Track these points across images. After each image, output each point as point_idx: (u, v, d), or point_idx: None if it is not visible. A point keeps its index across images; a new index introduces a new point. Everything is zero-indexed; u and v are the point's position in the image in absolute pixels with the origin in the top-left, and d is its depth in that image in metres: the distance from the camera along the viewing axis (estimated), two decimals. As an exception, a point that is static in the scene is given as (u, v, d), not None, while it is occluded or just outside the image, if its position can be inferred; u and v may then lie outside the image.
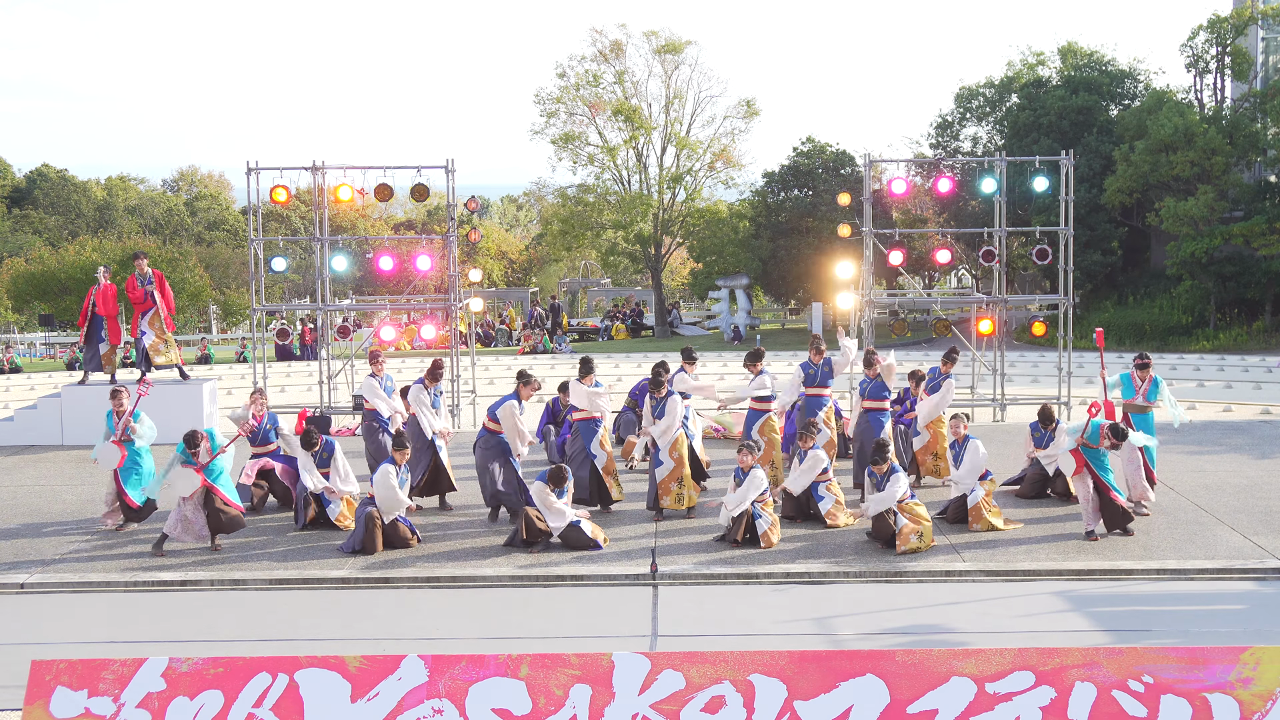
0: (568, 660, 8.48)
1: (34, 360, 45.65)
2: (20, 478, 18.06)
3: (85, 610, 12.29)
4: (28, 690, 8.44)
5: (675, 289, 62.14)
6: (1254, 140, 39.23)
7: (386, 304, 24.96)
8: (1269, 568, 12.97)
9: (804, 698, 8.33)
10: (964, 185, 33.45)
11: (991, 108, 45.63)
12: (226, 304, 51.04)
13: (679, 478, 15.03)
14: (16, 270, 48.68)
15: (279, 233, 57.52)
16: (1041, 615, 11.77)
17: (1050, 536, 14.08)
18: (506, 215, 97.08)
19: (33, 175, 76.66)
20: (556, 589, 12.74)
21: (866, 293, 22.14)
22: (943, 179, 22.80)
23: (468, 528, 14.80)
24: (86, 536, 14.62)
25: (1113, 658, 8.46)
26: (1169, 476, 16.75)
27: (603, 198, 49.41)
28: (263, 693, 8.39)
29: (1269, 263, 37.37)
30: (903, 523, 13.54)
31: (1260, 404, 23.68)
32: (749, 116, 49.73)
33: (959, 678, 8.37)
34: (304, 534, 14.56)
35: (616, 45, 49.36)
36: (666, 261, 52.84)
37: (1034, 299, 27.44)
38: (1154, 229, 40.88)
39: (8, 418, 21.72)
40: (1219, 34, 41.74)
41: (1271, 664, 8.36)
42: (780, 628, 11.44)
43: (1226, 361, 32.30)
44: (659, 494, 15.04)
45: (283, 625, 11.74)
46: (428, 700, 8.36)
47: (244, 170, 21.41)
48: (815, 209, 45.58)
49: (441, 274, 23.30)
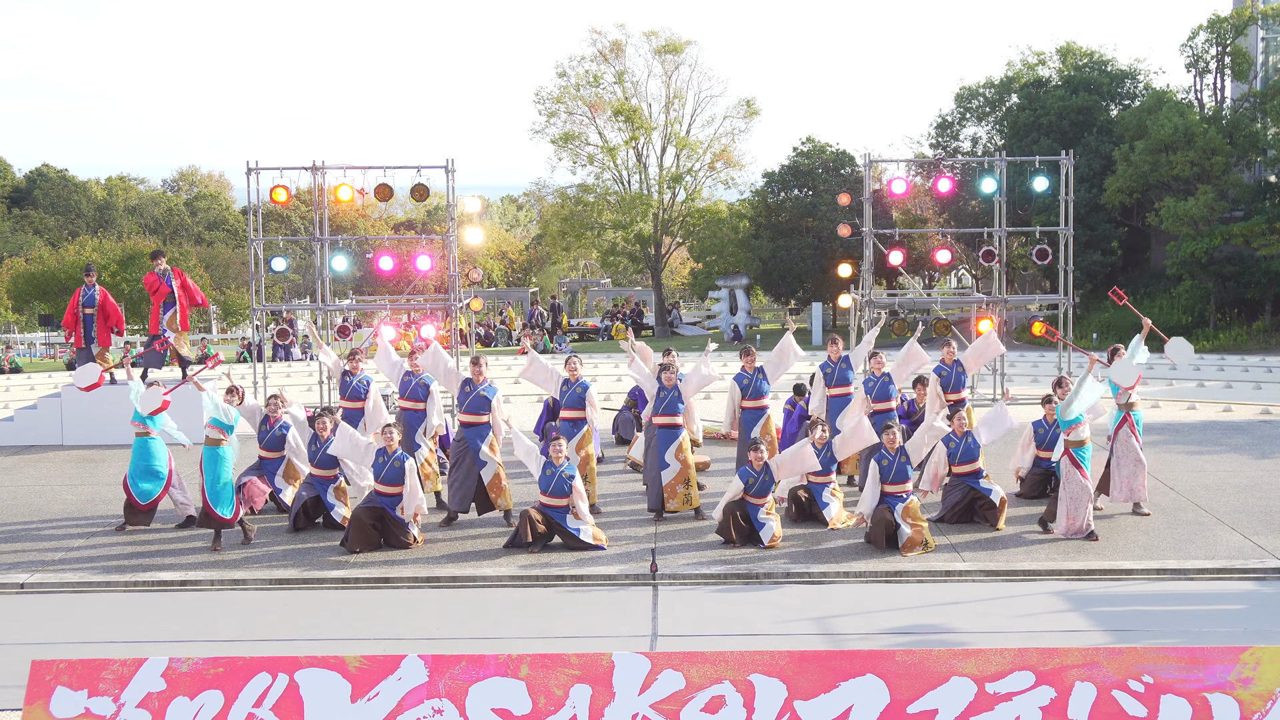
0: (568, 660, 8.48)
1: (34, 360, 45.63)
2: (20, 478, 18.06)
3: (85, 610, 12.29)
4: (28, 690, 8.44)
5: (675, 289, 62.14)
6: (1254, 140, 39.23)
7: (386, 304, 24.96)
8: (1269, 568, 12.97)
9: (804, 698, 8.34)
10: (964, 185, 33.45)
11: (991, 108, 45.63)
12: (226, 304, 51.03)
13: (685, 479, 14.99)
14: (16, 270, 48.68)
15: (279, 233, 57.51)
16: (1041, 615, 11.77)
17: (1050, 536, 14.07)
18: (506, 215, 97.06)
19: (33, 175, 76.63)
20: (556, 589, 12.74)
21: (866, 293, 22.15)
22: (943, 179, 22.82)
23: (468, 528, 14.79)
24: (86, 536, 14.61)
25: (1113, 658, 8.46)
26: (1169, 476, 16.74)
27: (603, 198, 49.41)
28: (263, 693, 8.39)
29: (1269, 263, 37.36)
30: (906, 533, 13.52)
31: (1260, 404, 23.67)
32: (749, 116, 49.76)
33: (959, 678, 8.37)
34: (304, 534, 14.56)
35: (616, 45, 49.38)
36: (666, 261, 52.85)
37: (1034, 299, 27.45)
38: (1154, 229, 40.88)
39: (8, 418, 21.72)
40: (1219, 34, 41.74)
41: (1271, 664, 8.36)
42: (780, 628, 11.44)
43: (1226, 361, 32.29)
44: (664, 496, 14.97)
45: (283, 625, 11.74)
46: (428, 700, 8.36)
47: (244, 170, 21.40)
48: (815, 209, 45.59)
49: (441, 274, 23.29)
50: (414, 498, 13.80)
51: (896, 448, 13.86)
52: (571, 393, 15.66)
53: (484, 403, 14.88)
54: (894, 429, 13.99)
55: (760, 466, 13.87)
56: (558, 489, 13.74)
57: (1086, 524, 13.85)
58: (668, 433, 15.07)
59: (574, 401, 15.60)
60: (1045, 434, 15.69)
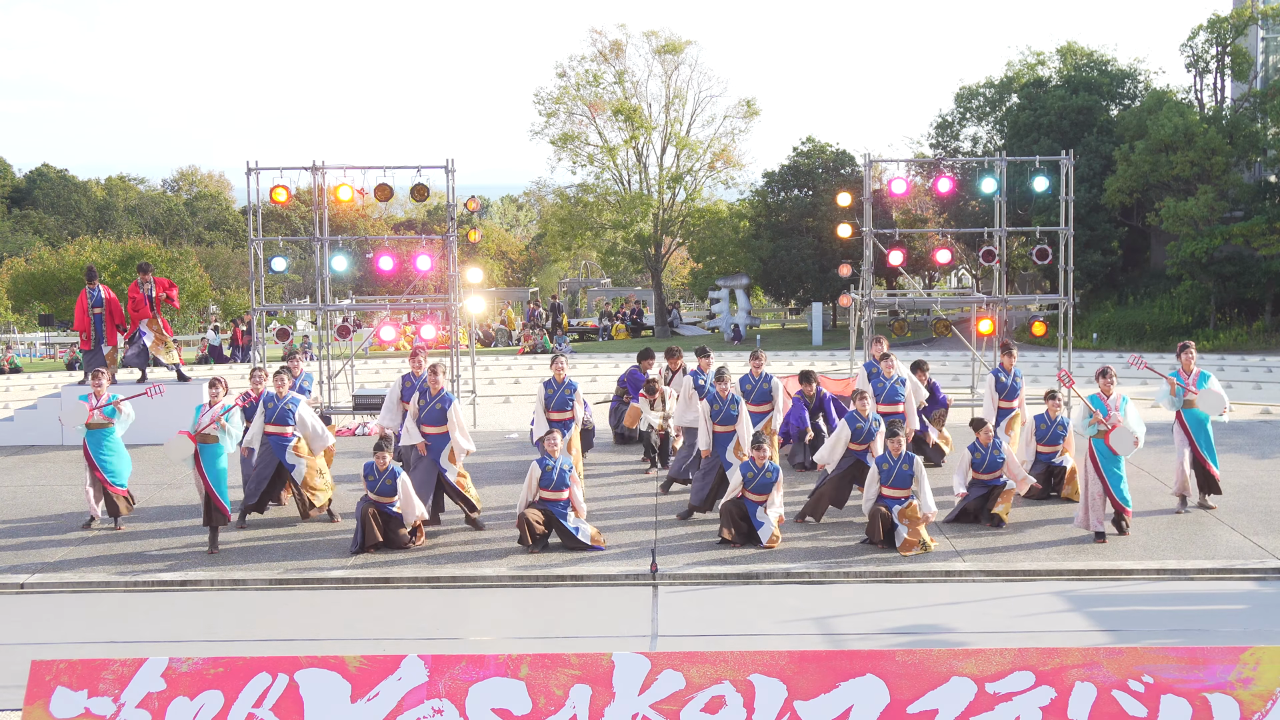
0: (568, 660, 8.48)
1: (34, 360, 45.62)
2: (20, 478, 18.06)
3: (85, 610, 12.29)
4: (28, 690, 8.44)
5: (675, 289, 62.13)
6: (1254, 140, 39.22)
7: (386, 304, 24.96)
8: (1269, 568, 12.97)
9: (804, 698, 8.34)
10: (964, 185, 33.44)
11: (991, 108, 45.61)
12: (226, 304, 51.03)
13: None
14: (16, 270, 48.68)
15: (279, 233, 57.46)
16: (1041, 615, 11.77)
17: (1050, 537, 14.08)
18: (506, 215, 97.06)
19: (33, 175, 76.63)
20: (556, 589, 12.74)
21: (866, 293, 22.14)
22: (943, 179, 22.79)
23: (467, 528, 14.78)
24: (86, 536, 14.61)
25: (1113, 658, 8.46)
26: (1169, 476, 16.73)
27: (603, 198, 49.38)
28: (263, 693, 8.39)
29: (1269, 263, 37.35)
30: (903, 535, 13.53)
31: (1260, 404, 23.67)
32: (749, 116, 49.72)
33: (959, 678, 8.37)
34: (303, 534, 14.56)
35: (616, 45, 49.35)
36: (666, 261, 52.83)
37: (1034, 299, 27.44)
38: (1154, 229, 40.87)
39: (8, 418, 21.72)
40: (1219, 34, 41.73)
41: (1271, 664, 8.36)
42: (780, 628, 11.44)
43: (1226, 361, 32.27)
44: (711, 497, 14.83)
45: (283, 625, 11.74)
46: (428, 700, 8.36)
47: (244, 170, 21.39)
48: (815, 209, 45.56)
49: (441, 274, 23.28)
50: (410, 508, 13.86)
51: (900, 454, 13.85)
52: (560, 394, 15.71)
53: (440, 414, 14.84)
54: (900, 435, 13.98)
55: (763, 464, 13.88)
56: (557, 483, 13.76)
57: (1099, 522, 13.87)
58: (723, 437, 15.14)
59: (562, 404, 15.67)
60: (1047, 430, 15.73)
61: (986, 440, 14.67)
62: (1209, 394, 15.03)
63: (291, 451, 14.96)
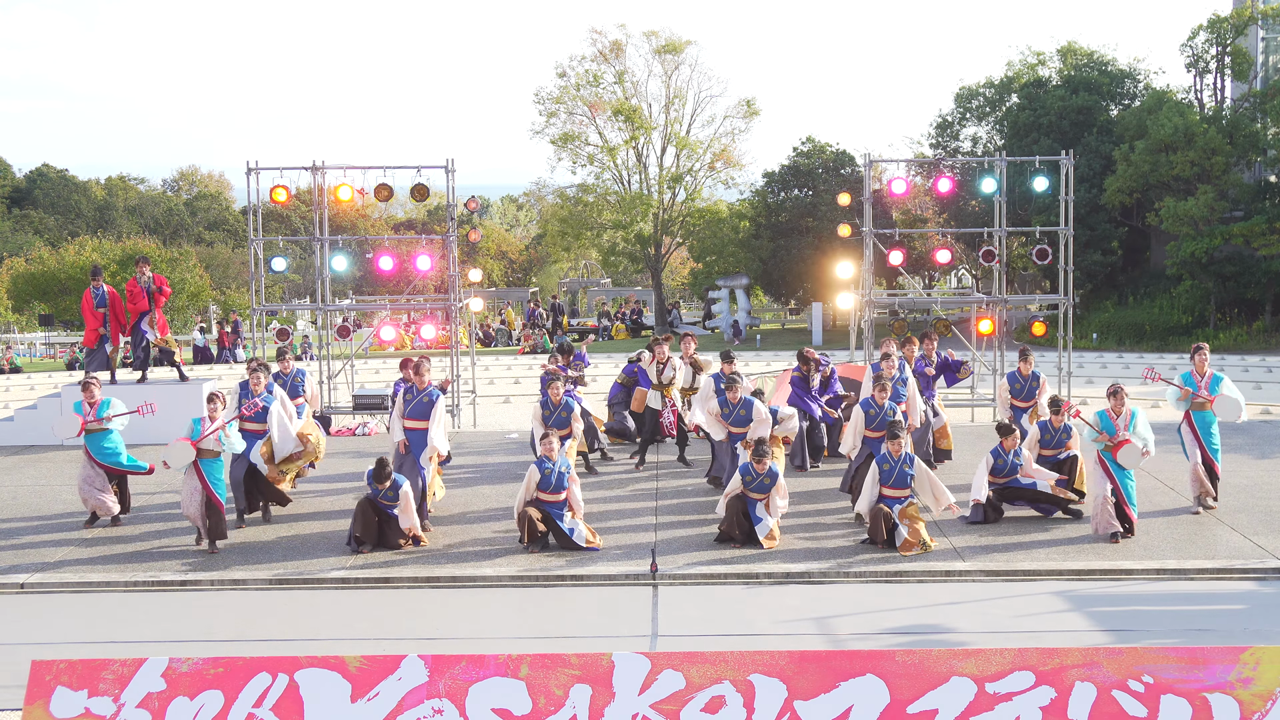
0: (568, 660, 8.48)
1: (34, 360, 45.63)
2: (20, 478, 18.06)
3: (85, 610, 12.29)
4: (28, 690, 8.44)
5: (675, 289, 62.13)
6: (1254, 140, 39.22)
7: (386, 304, 24.97)
8: (1269, 568, 12.97)
9: (804, 698, 8.34)
10: (964, 185, 33.43)
11: (991, 108, 45.61)
12: (226, 304, 51.05)
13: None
14: (16, 270, 48.70)
15: (279, 233, 57.46)
16: (1041, 615, 11.77)
17: (1050, 537, 14.08)
18: (506, 215, 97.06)
19: (33, 175, 76.66)
20: (556, 589, 12.74)
21: (866, 293, 22.14)
22: (943, 179, 22.80)
23: (468, 527, 14.79)
24: (86, 536, 14.61)
25: (1113, 658, 8.46)
26: (1169, 476, 16.74)
27: (603, 198, 49.38)
28: (263, 693, 8.39)
29: (1269, 263, 37.35)
30: (904, 534, 13.53)
31: (1260, 404, 23.67)
32: (749, 116, 49.71)
33: (959, 678, 8.37)
34: (303, 534, 14.56)
35: (616, 45, 49.34)
36: (666, 261, 52.83)
37: (1034, 299, 27.45)
38: (1154, 229, 40.87)
39: (8, 418, 21.73)
40: (1219, 34, 41.73)
41: (1271, 664, 8.36)
42: (780, 628, 11.44)
43: (1226, 361, 32.27)
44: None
45: (283, 625, 11.74)
46: (428, 700, 8.36)
47: (244, 170, 21.42)
48: (815, 209, 45.56)
49: (441, 274, 23.29)
50: (409, 518, 13.87)
51: (900, 454, 13.86)
52: (557, 415, 15.87)
53: (427, 407, 14.85)
54: (901, 437, 13.98)
55: (763, 470, 13.89)
56: (556, 486, 13.77)
57: (1109, 525, 13.86)
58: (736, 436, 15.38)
59: (560, 424, 15.84)
60: (1052, 438, 15.68)
61: (1011, 446, 14.67)
62: (1225, 400, 15.00)
63: (256, 452, 14.94)
